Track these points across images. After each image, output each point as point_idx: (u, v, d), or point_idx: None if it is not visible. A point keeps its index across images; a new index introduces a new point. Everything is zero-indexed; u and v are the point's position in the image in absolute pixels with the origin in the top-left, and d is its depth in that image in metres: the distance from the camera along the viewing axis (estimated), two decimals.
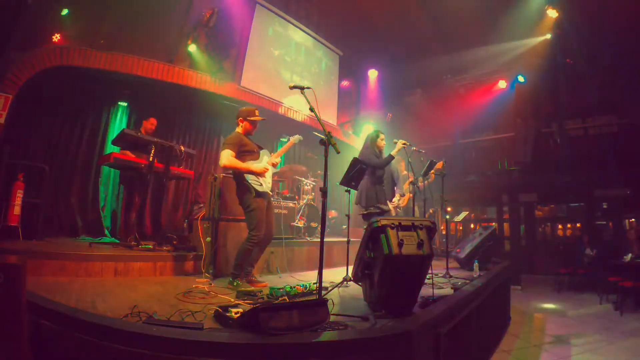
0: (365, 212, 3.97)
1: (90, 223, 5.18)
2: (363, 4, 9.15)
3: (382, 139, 4.18)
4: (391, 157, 4.05)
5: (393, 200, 4.94)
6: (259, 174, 3.32)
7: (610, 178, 8.47)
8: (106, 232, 5.20)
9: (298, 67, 7.97)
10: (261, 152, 3.48)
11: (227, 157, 3.19)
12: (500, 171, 10.54)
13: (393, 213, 4.82)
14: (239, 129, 3.46)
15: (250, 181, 3.24)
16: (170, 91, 5.77)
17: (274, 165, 3.54)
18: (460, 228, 11.52)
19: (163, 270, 3.59)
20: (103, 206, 5.39)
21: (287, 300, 2.53)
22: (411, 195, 5.06)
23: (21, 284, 1.53)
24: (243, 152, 3.31)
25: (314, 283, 2.77)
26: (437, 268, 4.21)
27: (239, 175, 3.29)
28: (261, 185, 3.29)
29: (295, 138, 3.83)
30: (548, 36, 8.66)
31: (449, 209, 5.38)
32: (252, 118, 3.43)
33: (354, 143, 8.80)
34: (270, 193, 3.53)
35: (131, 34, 5.34)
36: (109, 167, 5.11)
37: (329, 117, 8.60)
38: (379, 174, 4.09)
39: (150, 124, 4.82)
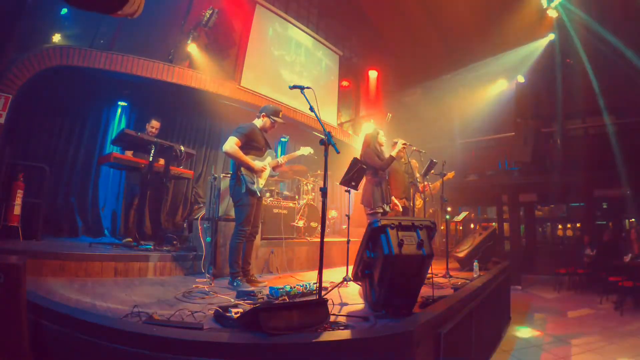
0: (371, 212, 3.96)
1: (90, 223, 5.17)
2: (363, 4, 9.16)
3: (382, 136, 4.19)
4: (392, 158, 4.04)
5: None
6: (256, 172, 3.32)
7: (610, 178, 8.46)
8: (106, 232, 5.20)
9: (298, 67, 7.95)
10: (266, 152, 3.48)
11: (231, 144, 3.19)
12: (500, 171, 10.53)
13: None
14: (257, 122, 3.44)
15: (244, 175, 3.23)
16: (170, 91, 5.75)
17: (276, 167, 3.52)
18: (460, 228, 11.51)
19: (163, 270, 3.59)
20: (103, 206, 5.38)
21: (287, 300, 2.53)
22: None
23: (21, 284, 1.53)
24: (250, 147, 3.30)
25: (314, 283, 2.77)
26: (437, 268, 4.21)
27: (235, 166, 3.30)
28: (254, 183, 3.28)
29: (305, 150, 3.81)
30: (548, 37, 8.66)
31: (449, 209, 5.34)
32: (275, 118, 3.43)
33: (354, 143, 8.78)
34: (260, 194, 3.42)
35: (131, 34, 5.33)
36: (109, 167, 5.10)
37: (329, 117, 8.59)
38: (381, 173, 4.09)
39: (151, 126, 4.76)
